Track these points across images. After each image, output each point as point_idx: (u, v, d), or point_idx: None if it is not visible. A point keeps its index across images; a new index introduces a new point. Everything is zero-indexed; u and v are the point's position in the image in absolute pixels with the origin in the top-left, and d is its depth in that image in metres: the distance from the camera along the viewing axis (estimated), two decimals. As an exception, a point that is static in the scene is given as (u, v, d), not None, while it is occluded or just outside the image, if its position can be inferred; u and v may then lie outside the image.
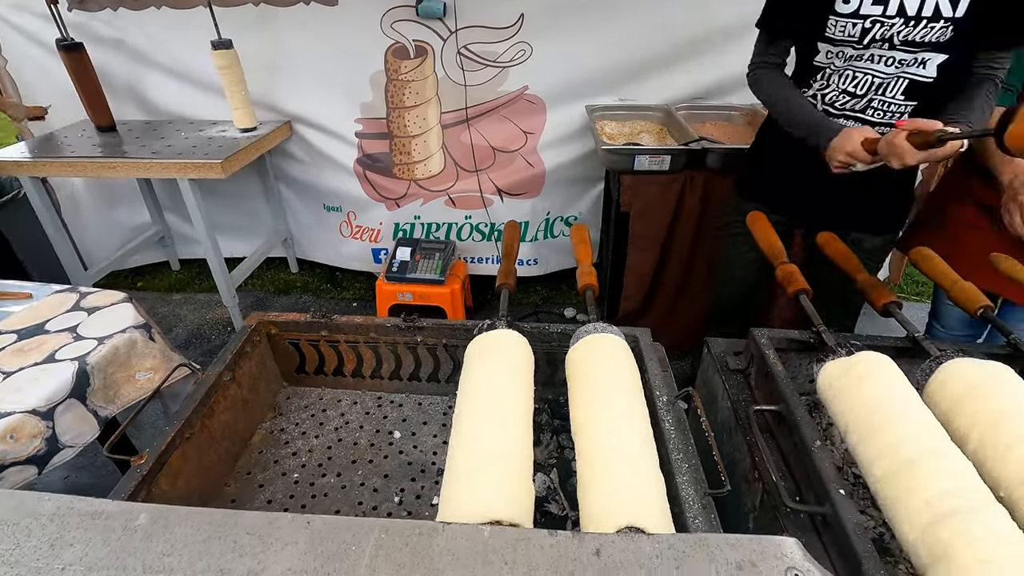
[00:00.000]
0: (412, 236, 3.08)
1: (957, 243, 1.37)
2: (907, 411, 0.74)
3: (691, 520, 0.72)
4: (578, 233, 1.35)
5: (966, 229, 1.39)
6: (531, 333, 1.08)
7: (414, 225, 3.07)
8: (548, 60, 2.71)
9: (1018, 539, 0.59)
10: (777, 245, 1.20)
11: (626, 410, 0.77)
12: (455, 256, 2.97)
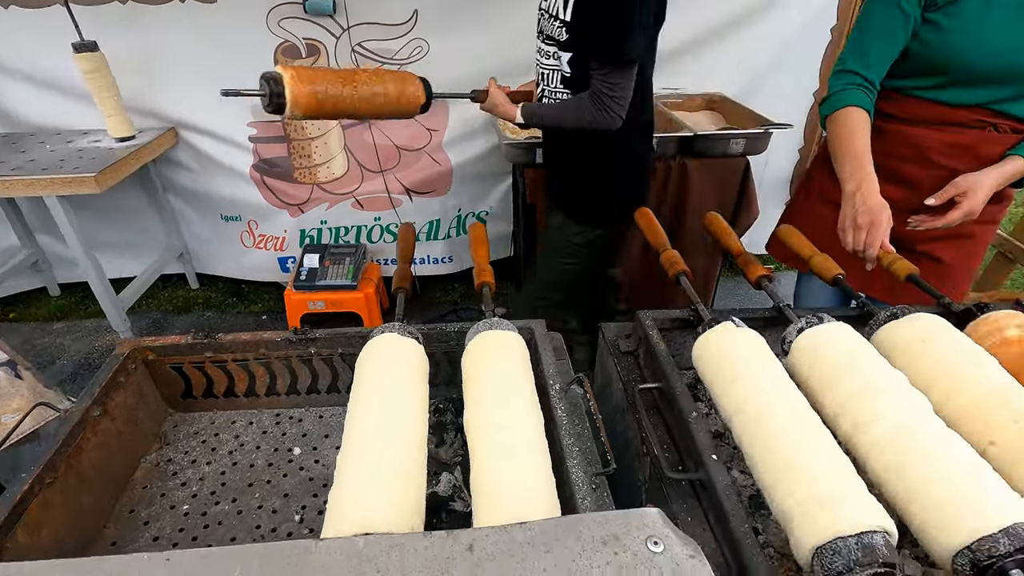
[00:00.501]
0: (320, 242, 2.98)
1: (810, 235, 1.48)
2: (754, 370, 0.81)
3: (580, 502, 0.75)
4: (475, 231, 1.36)
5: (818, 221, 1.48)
6: (428, 335, 1.08)
7: (321, 230, 2.97)
8: (447, 56, 2.70)
9: (852, 480, 0.67)
10: (662, 235, 1.27)
11: (513, 404, 0.79)
12: (367, 259, 2.91)
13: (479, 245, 1.30)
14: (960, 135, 1.26)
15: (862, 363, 0.83)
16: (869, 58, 1.25)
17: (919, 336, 0.92)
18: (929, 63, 1.21)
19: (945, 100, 1.25)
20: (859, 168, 1.22)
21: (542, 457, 0.74)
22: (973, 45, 1.15)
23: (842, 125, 1.27)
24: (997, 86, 1.20)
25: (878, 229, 1.15)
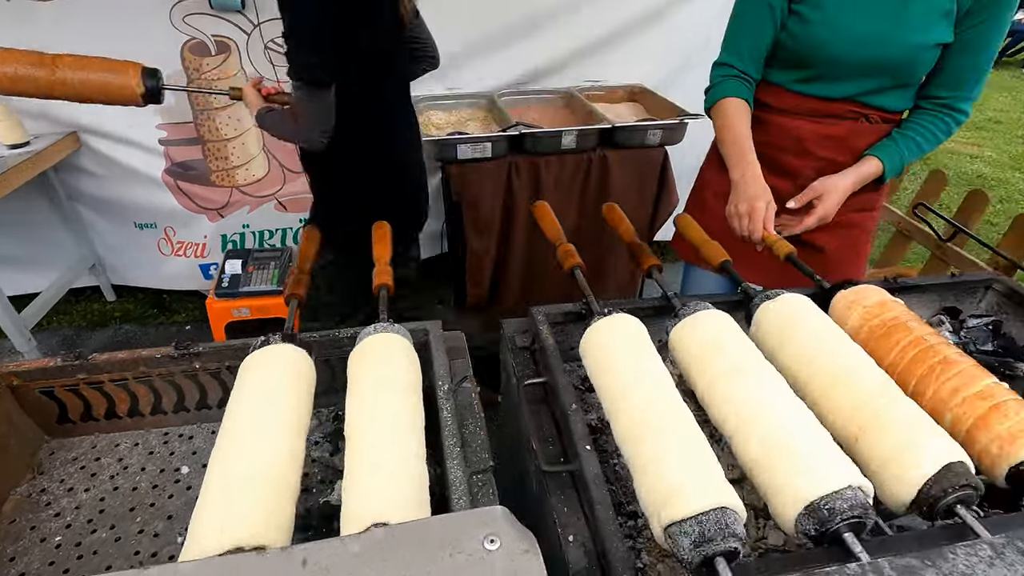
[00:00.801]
0: (243, 247, 2.88)
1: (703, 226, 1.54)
2: (627, 363, 0.84)
3: (455, 502, 0.75)
4: (379, 230, 1.34)
5: (708, 212, 1.54)
6: (320, 342, 1.06)
7: (244, 235, 2.87)
8: (365, 51, 2.64)
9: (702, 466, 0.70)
10: (557, 228, 1.29)
11: (387, 407, 0.78)
12: (293, 263, 2.83)
13: (380, 244, 1.29)
14: (834, 127, 1.32)
15: (726, 347, 0.87)
16: (741, 50, 1.30)
17: (786, 317, 0.97)
18: (797, 55, 1.26)
19: (817, 93, 1.30)
20: (741, 157, 1.27)
21: (413, 460, 0.74)
22: (835, 37, 1.20)
23: (723, 116, 1.32)
24: (863, 78, 1.25)
25: (757, 215, 1.20)
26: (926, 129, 1.28)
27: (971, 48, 1.19)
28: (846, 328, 1.03)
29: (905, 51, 1.19)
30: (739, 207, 1.23)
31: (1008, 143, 5.67)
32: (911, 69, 1.23)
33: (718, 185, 1.48)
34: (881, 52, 1.20)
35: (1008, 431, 0.80)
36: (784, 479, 0.71)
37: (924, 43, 1.18)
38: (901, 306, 1.02)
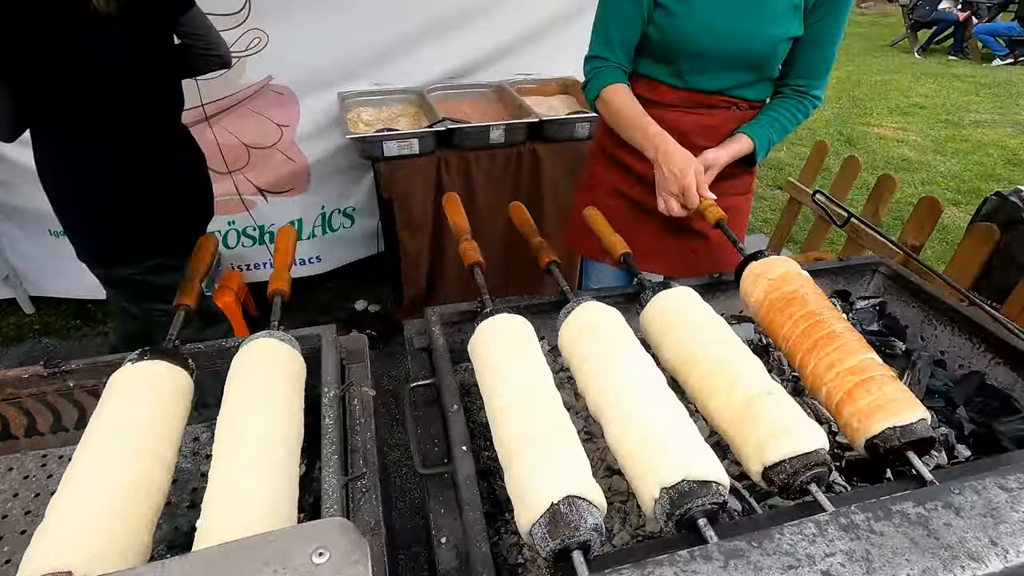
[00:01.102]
0: (169, 252, 2.77)
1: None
2: (507, 362, 0.85)
3: (325, 511, 0.75)
4: (282, 236, 1.31)
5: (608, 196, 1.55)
6: (206, 353, 1.03)
7: (169, 239, 2.75)
8: (289, 47, 2.57)
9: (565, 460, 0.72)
10: (463, 224, 1.28)
11: (254, 421, 0.77)
12: (222, 266, 2.75)
13: (281, 251, 1.26)
14: (711, 117, 1.36)
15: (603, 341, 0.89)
16: (612, 42, 1.31)
17: (670, 310, 1.00)
18: (665, 48, 1.29)
19: (690, 86, 1.33)
20: (645, 135, 1.27)
21: (279, 472, 0.73)
22: (700, 31, 1.24)
23: (610, 103, 1.32)
24: (731, 71, 1.30)
25: (690, 192, 1.20)
26: (788, 111, 1.37)
27: (818, 41, 1.29)
28: (751, 300, 1.07)
29: (765, 44, 1.26)
30: (670, 187, 1.22)
31: (931, 127, 5.96)
32: (771, 61, 1.30)
33: (610, 182, 1.51)
34: (744, 45, 1.26)
35: (868, 406, 0.84)
36: (644, 470, 0.73)
37: (780, 36, 1.26)
38: (805, 279, 1.04)
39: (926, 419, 0.82)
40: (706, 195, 1.23)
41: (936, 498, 0.66)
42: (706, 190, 1.23)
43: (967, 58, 9.03)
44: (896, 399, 0.83)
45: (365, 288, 3.22)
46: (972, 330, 1.17)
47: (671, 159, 1.23)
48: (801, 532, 0.61)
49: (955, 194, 4.52)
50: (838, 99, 6.90)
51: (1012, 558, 0.60)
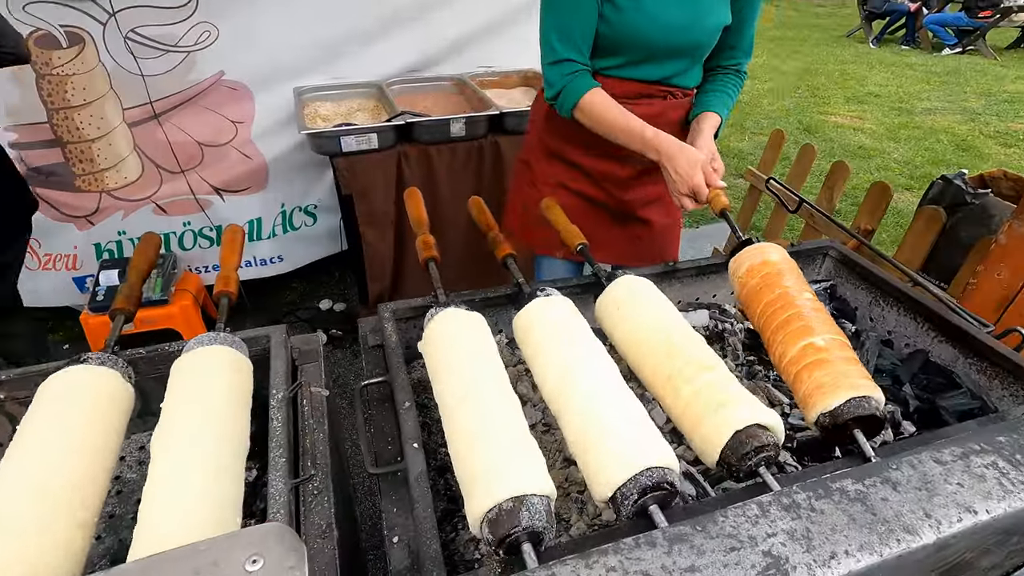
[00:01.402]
0: (122, 255, 2.67)
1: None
2: (459, 358, 0.84)
3: (272, 515, 0.73)
4: (228, 235, 1.26)
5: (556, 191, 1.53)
6: (148, 358, 0.99)
7: (121, 243, 2.66)
8: (241, 41, 2.49)
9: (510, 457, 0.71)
10: (422, 219, 1.26)
11: (192, 426, 0.74)
12: (179, 269, 2.66)
13: (228, 251, 1.22)
14: (651, 106, 1.38)
15: (555, 333, 0.89)
16: (576, 42, 1.28)
17: (621, 299, 1.00)
18: (615, 42, 1.29)
19: (635, 77, 1.34)
20: (643, 140, 1.25)
21: (220, 477, 0.71)
22: (649, 25, 1.25)
23: (594, 112, 1.29)
24: (673, 61, 1.33)
25: (701, 192, 1.20)
26: (730, 86, 1.44)
27: (743, 23, 1.36)
28: (736, 286, 1.11)
29: (705, 34, 1.31)
30: (680, 189, 1.22)
31: (886, 115, 6.14)
32: (706, 50, 1.35)
33: (554, 177, 1.51)
34: (688, 36, 1.29)
35: (816, 384, 0.86)
36: (596, 461, 0.73)
37: (717, 26, 1.31)
38: (785, 263, 1.07)
39: (873, 397, 0.84)
40: (716, 184, 1.22)
41: (875, 474, 0.67)
42: (716, 179, 1.22)
43: (919, 48, 9.33)
44: (848, 376, 0.85)
45: (330, 286, 3.17)
46: (917, 310, 1.20)
47: (675, 162, 1.22)
48: (744, 514, 0.62)
49: (908, 179, 4.67)
50: (797, 89, 7.05)
51: (945, 529, 0.62)
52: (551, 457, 0.97)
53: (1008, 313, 1.43)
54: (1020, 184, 2.42)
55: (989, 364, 1.07)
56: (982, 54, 8.81)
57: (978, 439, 0.73)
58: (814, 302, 1.00)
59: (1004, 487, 0.67)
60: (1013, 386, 1.03)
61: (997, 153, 5.22)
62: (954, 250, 2.22)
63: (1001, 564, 0.80)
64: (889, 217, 3.91)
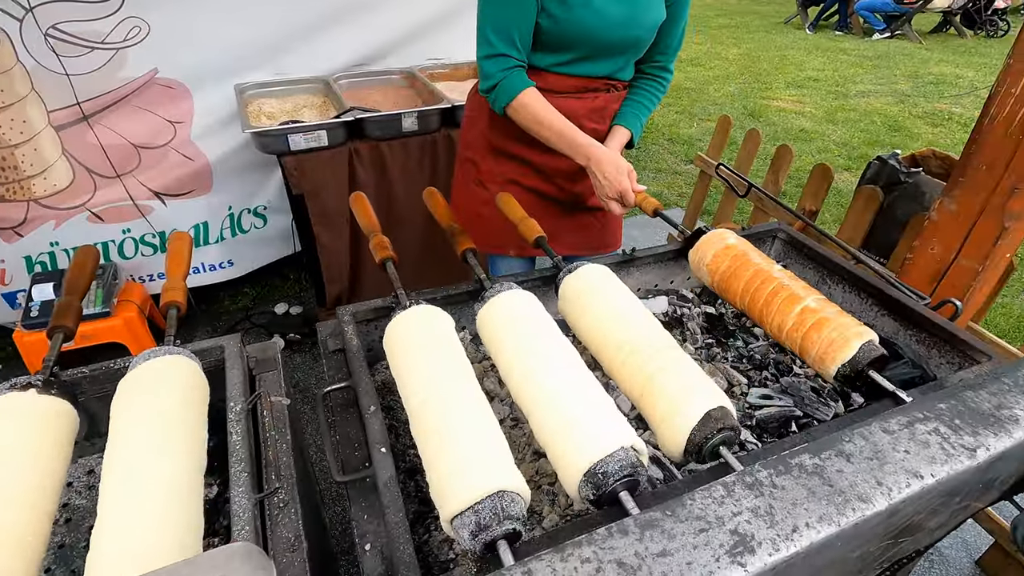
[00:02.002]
0: (56, 267, 2.51)
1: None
2: (421, 356, 0.83)
3: (237, 532, 0.70)
4: (174, 242, 1.21)
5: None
6: (93, 378, 0.94)
7: (54, 254, 2.50)
8: (175, 36, 2.37)
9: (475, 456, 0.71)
10: (373, 220, 1.24)
11: (143, 446, 0.71)
12: (121, 279, 2.53)
13: (174, 259, 1.16)
14: (595, 100, 1.40)
15: (518, 326, 0.89)
16: (513, 37, 1.27)
17: (582, 289, 1.01)
18: (561, 39, 1.29)
19: (578, 73, 1.35)
20: (573, 144, 1.29)
21: (177, 497, 0.68)
22: (597, 21, 1.25)
23: (528, 111, 1.29)
24: (616, 57, 1.35)
25: (628, 196, 1.26)
26: (650, 93, 1.48)
27: (674, 20, 1.38)
28: (703, 275, 1.19)
29: (646, 30, 1.33)
30: (608, 192, 1.27)
31: (824, 99, 6.40)
32: (644, 46, 1.38)
33: (503, 174, 1.51)
34: (632, 32, 1.31)
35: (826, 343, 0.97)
36: (564, 451, 0.74)
37: (655, 21, 1.33)
38: (743, 243, 1.17)
39: (875, 339, 0.95)
40: (638, 189, 1.29)
41: (830, 447, 0.71)
42: (636, 185, 1.29)
43: (851, 33, 9.74)
44: (849, 327, 0.96)
45: (284, 290, 3.08)
46: (860, 286, 1.26)
47: (604, 167, 1.27)
48: (711, 495, 0.63)
49: (847, 160, 4.89)
50: (741, 75, 7.25)
51: (895, 495, 0.65)
52: (521, 451, 0.98)
53: (942, 285, 1.52)
54: (948, 162, 2.57)
55: (927, 335, 1.14)
56: (908, 38, 9.28)
57: (921, 407, 0.77)
58: (785, 272, 1.08)
59: (946, 451, 0.71)
60: (949, 354, 1.10)
61: (926, 132, 5.52)
62: (891, 227, 2.34)
63: (946, 523, 0.86)
64: (831, 197, 4.09)
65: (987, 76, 7.24)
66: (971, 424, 0.75)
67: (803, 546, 0.59)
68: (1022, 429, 0.75)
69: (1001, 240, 1.40)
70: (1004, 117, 1.32)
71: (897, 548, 0.84)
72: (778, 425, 1.02)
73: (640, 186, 1.29)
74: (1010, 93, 1.30)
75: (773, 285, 1.06)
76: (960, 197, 1.45)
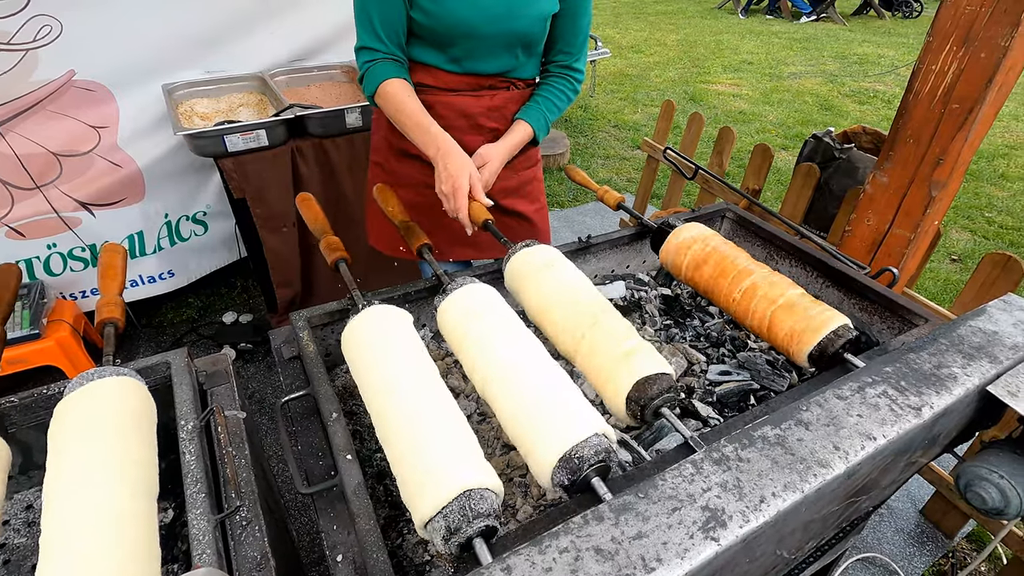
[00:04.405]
0: (-26, 289, 2.32)
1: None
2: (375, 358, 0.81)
3: (197, 557, 0.67)
4: (107, 255, 1.13)
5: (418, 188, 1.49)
6: (22, 406, 0.87)
7: (-30, 275, 2.30)
8: (92, 35, 2.21)
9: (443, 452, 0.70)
10: (322, 221, 1.19)
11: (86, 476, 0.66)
12: (50, 298, 2.36)
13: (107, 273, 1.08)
14: (493, 98, 1.36)
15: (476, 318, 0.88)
16: (377, 31, 1.23)
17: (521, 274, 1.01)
18: (436, 33, 1.25)
19: (471, 71, 1.31)
20: (427, 135, 1.23)
21: (127, 526, 0.63)
22: (473, 12, 1.21)
23: (390, 99, 1.26)
24: (506, 54, 1.30)
25: (460, 193, 1.17)
26: (559, 90, 1.41)
27: (571, 14, 1.32)
28: (672, 267, 1.22)
29: (530, 23, 1.27)
30: (443, 187, 1.20)
31: (760, 81, 6.63)
32: (537, 39, 1.32)
33: (408, 175, 1.46)
34: (512, 25, 1.25)
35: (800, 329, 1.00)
36: (535, 440, 0.74)
37: (543, 14, 1.27)
38: (711, 235, 1.20)
39: (846, 323, 0.97)
40: (479, 197, 1.19)
41: (789, 417, 0.73)
42: (481, 195, 1.20)
43: (781, 17, 10.12)
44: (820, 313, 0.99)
45: (232, 298, 2.96)
46: (805, 259, 1.32)
47: (448, 159, 1.20)
48: (681, 474, 0.64)
49: (784, 139, 5.09)
50: (680, 60, 7.42)
51: (852, 458, 0.68)
52: (490, 445, 0.97)
53: (879, 254, 1.61)
54: (877, 138, 2.71)
55: (868, 302, 1.20)
56: (833, 20, 9.72)
57: (869, 372, 0.81)
58: (752, 261, 1.12)
59: (895, 412, 0.75)
60: (889, 319, 1.16)
61: (854, 110, 5.80)
62: (829, 201, 2.45)
63: (897, 479, 0.90)
64: (772, 175, 4.25)
65: (906, 55, 7.68)
66: (915, 385, 0.79)
67: (771, 515, 0.61)
68: (960, 386, 0.80)
69: (929, 209, 1.48)
70: (927, 92, 1.40)
71: (855, 507, 0.88)
72: (738, 399, 1.05)
73: (485, 199, 1.19)
74: (931, 70, 1.38)
75: (747, 282, 1.08)
76: (891, 170, 1.52)
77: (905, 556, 1.88)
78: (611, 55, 6.32)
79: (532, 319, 1.00)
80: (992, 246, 3.61)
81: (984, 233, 3.73)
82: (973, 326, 0.91)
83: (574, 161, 4.64)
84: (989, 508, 0.85)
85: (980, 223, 3.84)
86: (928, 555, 1.88)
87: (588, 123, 5.38)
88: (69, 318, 2.33)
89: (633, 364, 0.82)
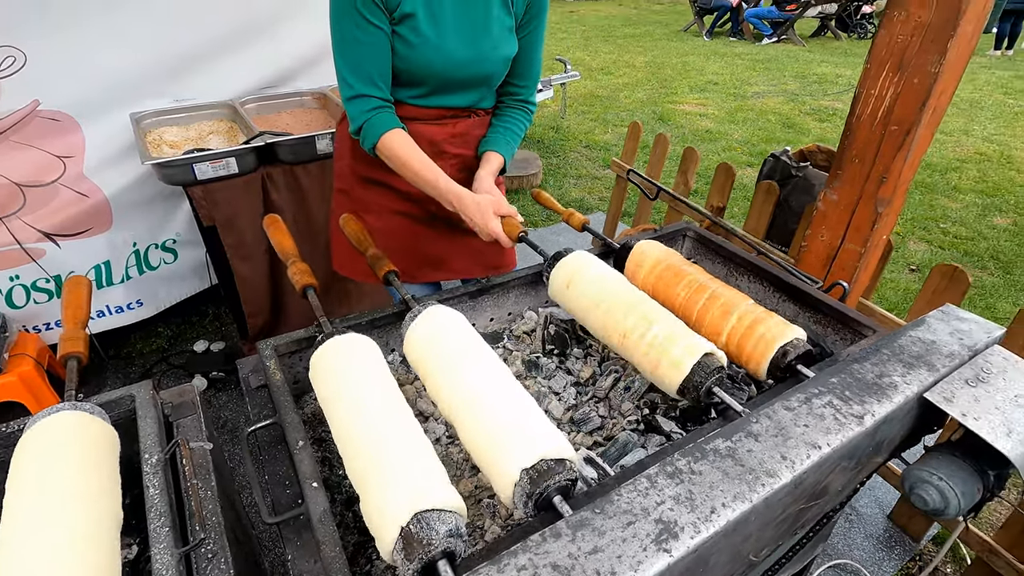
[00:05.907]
0: (-69, 325, 2.26)
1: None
2: (340, 385, 0.82)
3: (162, 594, 0.67)
4: (70, 288, 1.12)
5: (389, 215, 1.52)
6: (-18, 443, 0.86)
7: (-73, 310, 2.25)
8: (57, 66, 2.20)
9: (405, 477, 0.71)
10: (290, 246, 1.21)
11: (45, 515, 0.66)
12: (12, 331, 2.30)
13: (70, 306, 1.08)
14: (456, 126, 1.41)
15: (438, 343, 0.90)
16: (373, 78, 1.25)
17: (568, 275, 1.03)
18: (409, 74, 1.29)
19: (437, 105, 1.36)
20: (437, 190, 1.27)
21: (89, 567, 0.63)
22: (439, 59, 1.27)
23: (395, 151, 1.28)
24: (471, 91, 1.37)
25: (498, 236, 1.23)
26: (517, 122, 1.48)
27: (527, 52, 1.40)
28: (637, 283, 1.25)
29: (495, 66, 1.35)
30: (483, 237, 1.26)
31: (724, 101, 6.86)
32: (499, 78, 1.40)
33: (377, 203, 1.48)
34: (480, 69, 1.33)
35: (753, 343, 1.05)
36: (495, 463, 0.75)
37: (506, 57, 1.35)
38: (672, 255, 1.26)
39: (799, 337, 1.02)
40: (507, 213, 1.27)
41: (740, 429, 0.76)
42: (507, 208, 1.27)
43: (743, 39, 10.51)
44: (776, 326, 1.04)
45: (203, 326, 2.92)
46: (762, 275, 1.37)
47: (467, 211, 1.25)
48: (636, 488, 0.67)
49: (748, 157, 5.25)
50: (648, 81, 7.64)
51: (798, 467, 0.71)
52: (459, 468, 0.98)
53: (833, 269, 1.68)
54: (830, 155, 2.83)
55: (822, 315, 1.25)
56: (793, 42, 10.14)
57: (817, 383, 0.85)
58: (710, 278, 1.17)
59: (839, 421, 0.78)
60: (841, 331, 1.21)
61: (815, 128, 6.03)
62: (789, 217, 2.54)
63: (848, 484, 0.94)
64: (738, 192, 4.38)
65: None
66: (858, 394, 0.83)
67: (721, 525, 0.64)
68: (900, 394, 0.84)
69: (877, 224, 1.56)
70: (868, 115, 1.48)
71: (810, 511, 0.92)
72: (699, 412, 1.08)
73: (511, 210, 1.27)
74: (871, 94, 1.46)
75: (703, 297, 1.13)
76: (840, 188, 1.60)
77: (875, 561, 1.92)
78: (581, 77, 6.48)
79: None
80: (947, 255, 3.76)
81: (940, 243, 3.89)
82: (913, 336, 0.97)
83: (547, 181, 4.72)
84: (931, 509, 0.89)
85: (936, 234, 4.01)
86: (897, 559, 1.93)
87: (560, 144, 5.49)
88: (32, 352, 2.27)
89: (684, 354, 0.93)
